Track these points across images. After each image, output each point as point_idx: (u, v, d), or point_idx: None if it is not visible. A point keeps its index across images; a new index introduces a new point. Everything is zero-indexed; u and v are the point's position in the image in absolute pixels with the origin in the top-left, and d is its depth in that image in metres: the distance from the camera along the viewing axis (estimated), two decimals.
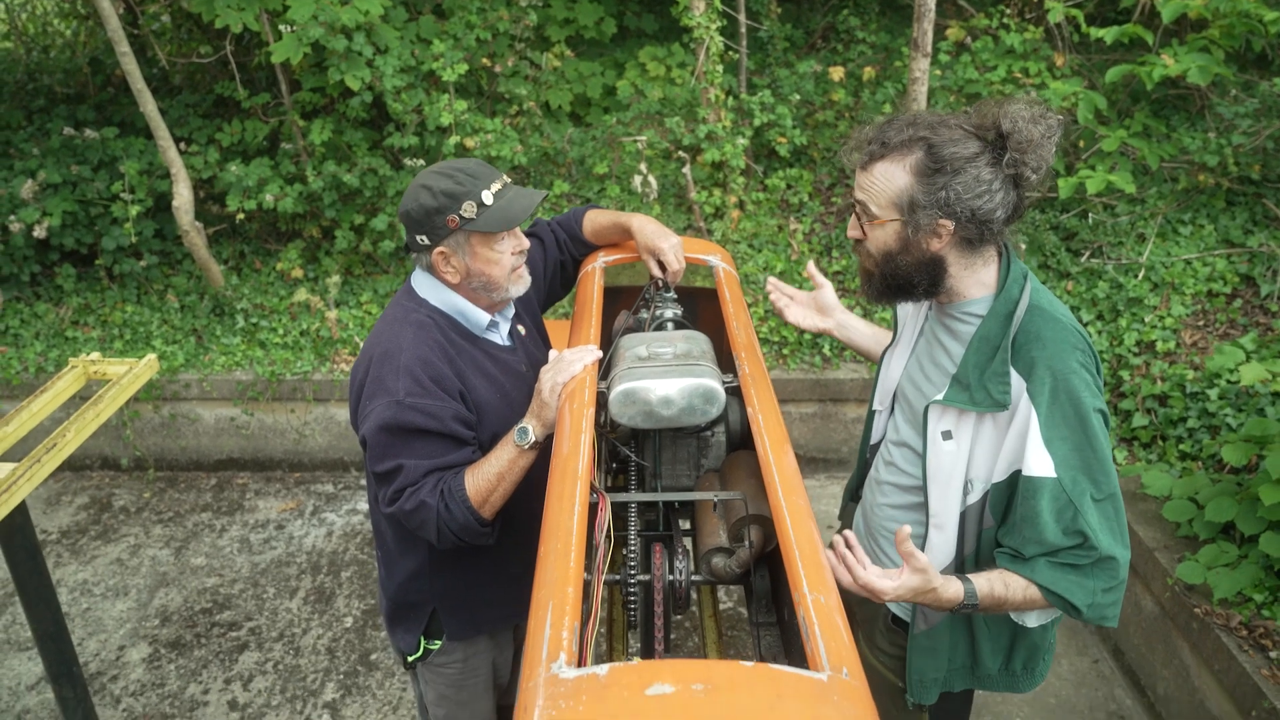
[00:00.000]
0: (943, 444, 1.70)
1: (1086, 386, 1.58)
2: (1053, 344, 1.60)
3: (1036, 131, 1.56)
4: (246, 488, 4.71)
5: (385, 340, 1.86)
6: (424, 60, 4.58)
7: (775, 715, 0.99)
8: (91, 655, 3.60)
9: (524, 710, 1.04)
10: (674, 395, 1.72)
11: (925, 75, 4.51)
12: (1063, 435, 1.57)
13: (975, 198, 1.57)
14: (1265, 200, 4.48)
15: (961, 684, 1.92)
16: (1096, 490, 1.58)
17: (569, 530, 1.33)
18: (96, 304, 4.95)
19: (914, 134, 1.61)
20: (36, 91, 5.48)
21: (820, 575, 1.24)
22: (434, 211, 1.82)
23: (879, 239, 1.68)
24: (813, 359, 4.59)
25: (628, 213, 2.29)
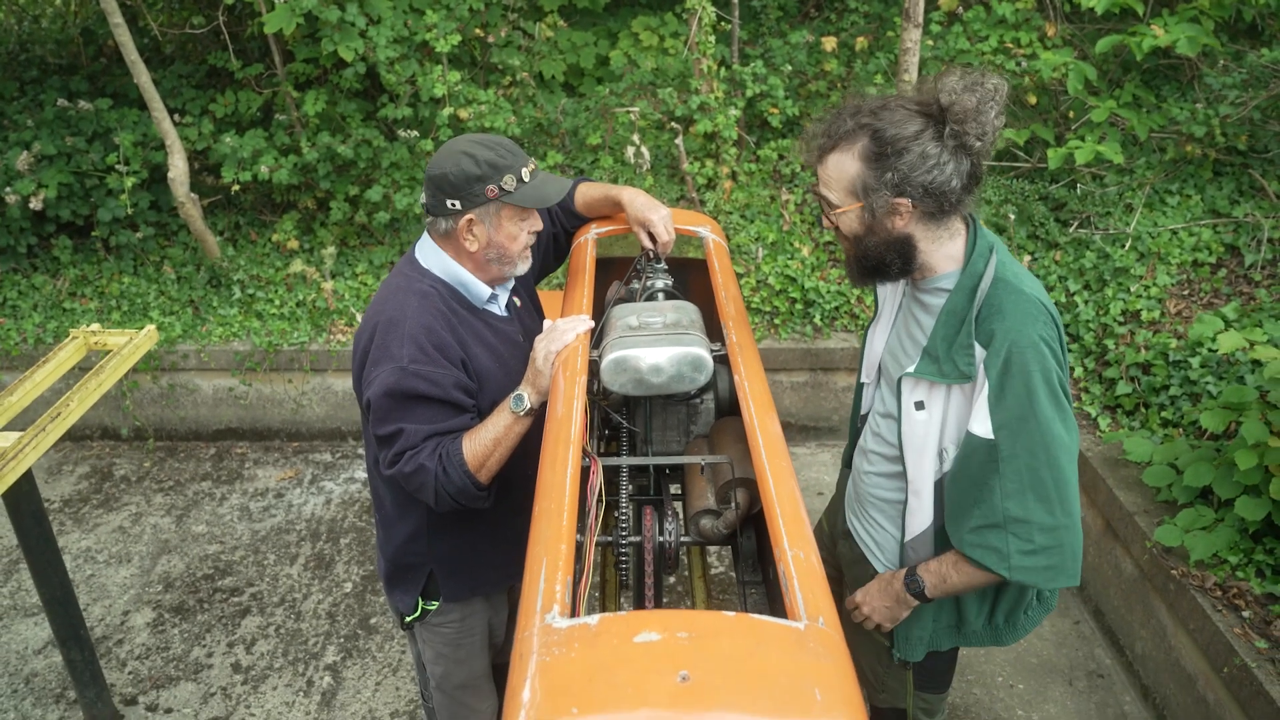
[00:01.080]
0: (916, 414, 1.79)
1: (1040, 359, 1.64)
2: (1013, 316, 1.66)
3: (972, 100, 1.62)
4: (245, 457, 4.78)
5: (390, 308, 1.91)
6: (417, 31, 4.59)
7: (754, 660, 1.06)
8: (96, 620, 3.68)
9: (520, 658, 1.10)
10: (663, 363, 1.78)
11: (916, 46, 4.53)
12: (1007, 403, 1.65)
13: (925, 173, 1.64)
14: (1252, 170, 4.53)
15: (948, 642, 2.01)
16: (1031, 458, 1.65)
17: (562, 491, 1.39)
18: (93, 275, 4.99)
19: (858, 122, 1.68)
20: (29, 62, 5.47)
21: (801, 532, 1.31)
22: (475, 179, 1.87)
23: (845, 226, 1.76)
24: (804, 329, 4.65)
25: (618, 185, 2.33)
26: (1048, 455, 1.65)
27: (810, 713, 1.01)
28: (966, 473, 1.73)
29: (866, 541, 2.05)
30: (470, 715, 2.32)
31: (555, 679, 1.05)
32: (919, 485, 1.83)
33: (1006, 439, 1.65)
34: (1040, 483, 1.66)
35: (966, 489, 1.73)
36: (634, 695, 1.01)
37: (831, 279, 4.72)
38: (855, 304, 4.68)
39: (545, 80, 5.44)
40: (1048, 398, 1.64)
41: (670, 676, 1.02)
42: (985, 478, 1.69)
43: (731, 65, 4.96)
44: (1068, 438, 1.68)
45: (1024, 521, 1.67)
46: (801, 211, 4.99)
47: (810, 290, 4.65)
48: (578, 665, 1.06)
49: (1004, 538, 1.69)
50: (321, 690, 3.32)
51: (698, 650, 1.06)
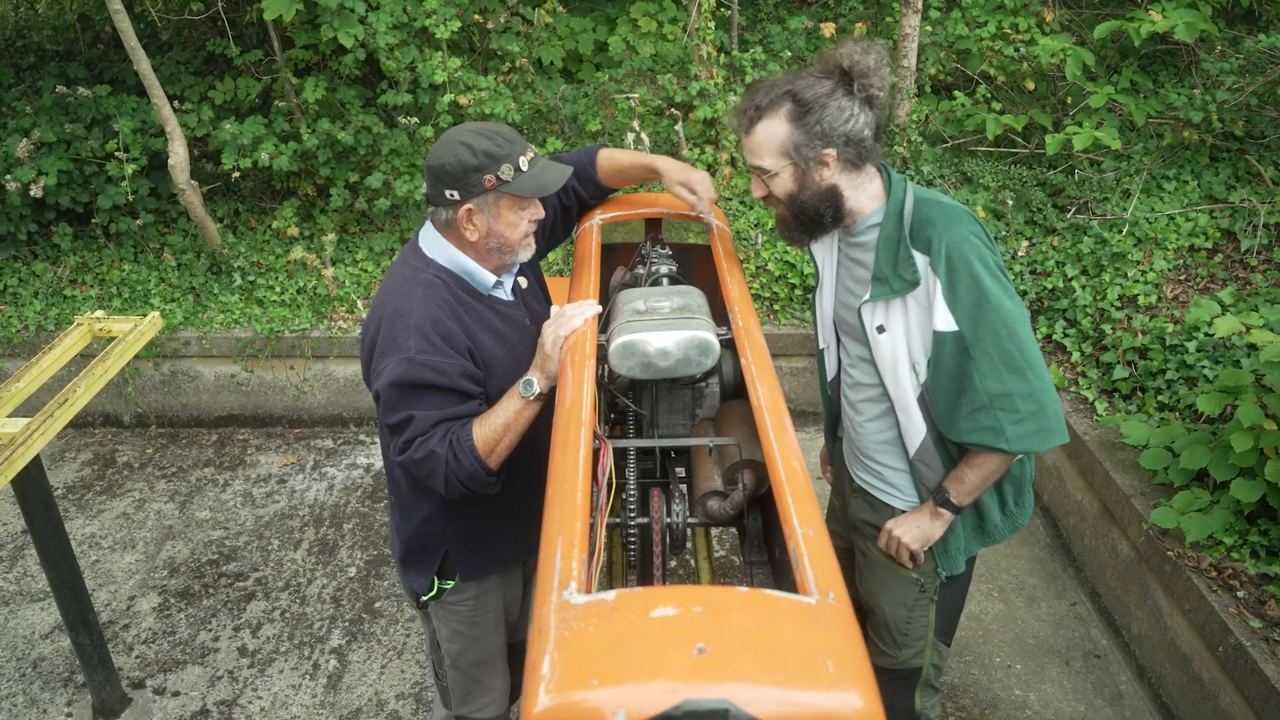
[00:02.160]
0: (880, 338, 1.97)
1: (976, 250, 1.84)
2: (941, 221, 1.87)
3: (870, 60, 1.84)
4: (247, 443, 4.80)
5: (396, 299, 1.93)
6: (416, 17, 4.59)
7: (768, 634, 1.09)
8: (103, 605, 3.71)
9: (539, 632, 1.13)
10: (671, 347, 1.80)
11: (915, 31, 4.55)
12: (959, 294, 1.83)
13: (844, 124, 1.84)
14: (1248, 156, 4.56)
15: (978, 545, 2.17)
16: (993, 335, 1.82)
17: (574, 472, 1.41)
18: (94, 262, 4.99)
19: (778, 91, 1.88)
20: (26, 49, 5.46)
21: (809, 510, 1.34)
22: (472, 169, 1.88)
23: (780, 187, 1.94)
24: (803, 314, 4.67)
25: (649, 154, 2.35)
26: (1007, 330, 1.83)
27: (823, 683, 1.03)
28: (943, 369, 1.89)
29: (880, 486, 2.18)
30: (485, 692, 2.36)
31: (574, 652, 1.08)
32: (904, 402, 1.98)
33: (968, 326, 1.83)
34: (1009, 356, 1.83)
35: (947, 385, 1.90)
36: (652, 666, 1.04)
37: None
38: None
39: (544, 66, 5.45)
40: (992, 280, 1.83)
41: (687, 649, 1.05)
42: (961, 367, 1.86)
43: (731, 51, 4.96)
44: (1017, 310, 1.86)
45: (1005, 394, 1.84)
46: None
47: (809, 276, 4.67)
48: (596, 639, 1.09)
49: (993, 415, 1.86)
50: (327, 673, 3.36)
51: (713, 624, 1.09)
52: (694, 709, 0.99)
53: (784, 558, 1.65)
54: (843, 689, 1.04)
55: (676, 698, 1.00)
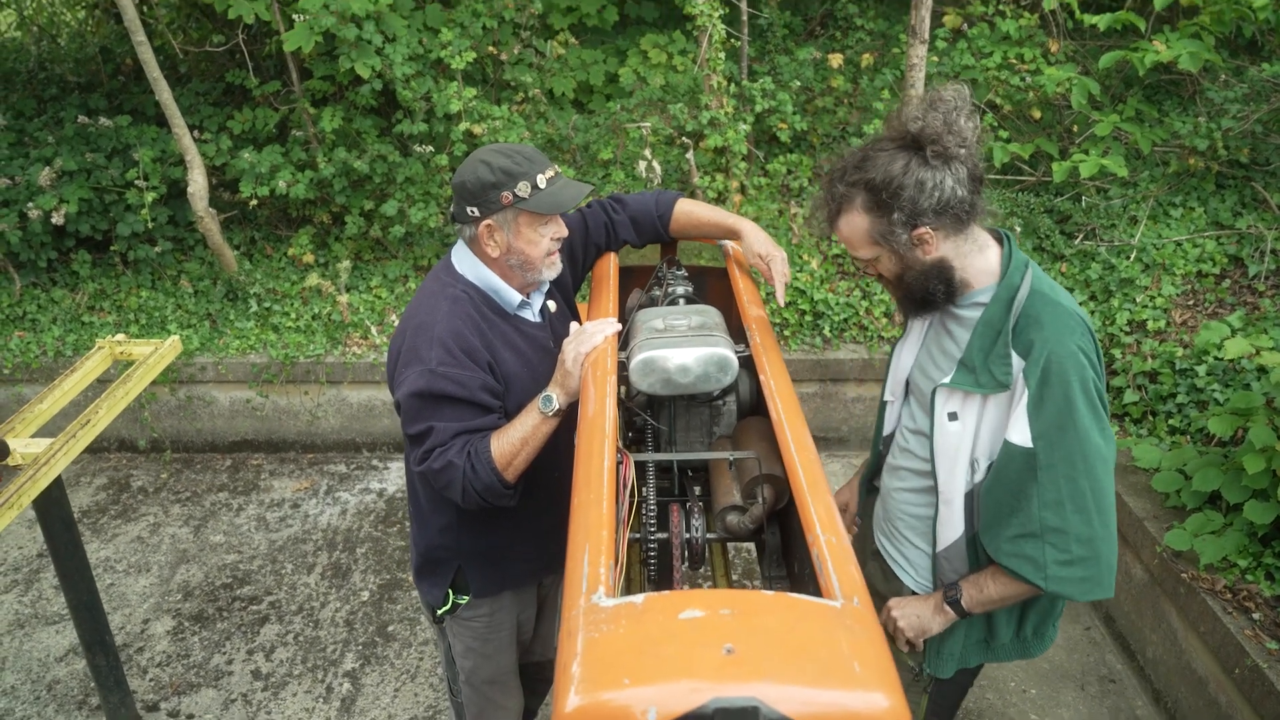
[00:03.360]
0: (948, 425, 1.82)
1: (1079, 369, 1.66)
2: (1051, 326, 1.69)
3: (937, 118, 1.70)
4: (261, 468, 4.83)
5: (422, 312, 1.97)
6: (432, 48, 4.67)
7: (795, 635, 1.11)
8: (117, 629, 3.72)
9: (568, 635, 1.15)
10: (691, 363, 1.83)
11: (923, 62, 4.61)
12: (1046, 412, 1.67)
13: (928, 198, 1.70)
14: (1254, 183, 4.60)
15: (977, 658, 2.03)
16: (1069, 466, 1.67)
17: (600, 482, 1.44)
18: (112, 289, 5.05)
19: (848, 182, 1.78)
20: (48, 80, 5.56)
21: (831, 519, 1.36)
22: (490, 186, 1.93)
23: (885, 269, 1.84)
24: (813, 340, 4.70)
25: (735, 215, 2.36)
26: (1086, 465, 1.67)
27: (850, 683, 1.05)
28: (1003, 482, 1.74)
29: (897, 559, 2.08)
30: (497, 711, 2.37)
31: (605, 653, 1.10)
32: (950, 495, 1.85)
33: (1045, 448, 1.67)
34: (1078, 493, 1.68)
35: (1002, 498, 1.75)
36: (683, 666, 1.06)
37: (840, 291, 4.78)
38: (864, 315, 4.74)
39: (556, 97, 5.53)
40: (1086, 407, 1.66)
41: (716, 649, 1.07)
42: (1023, 486, 1.71)
43: (741, 81, 5.04)
44: (1105, 449, 1.70)
45: (1061, 531, 1.69)
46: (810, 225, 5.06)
47: (819, 302, 4.71)
48: (626, 640, 1.11)
49: (1040, 547, 1.71)
50: (341, 696, 3.36)
51: (741, 625, 1.11)
52: (724, 706, 1.01)
53: (803, 572, 1.67)
54: (869, 689, 1.06)
55: (706, 696, 1.02)
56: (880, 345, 4.65)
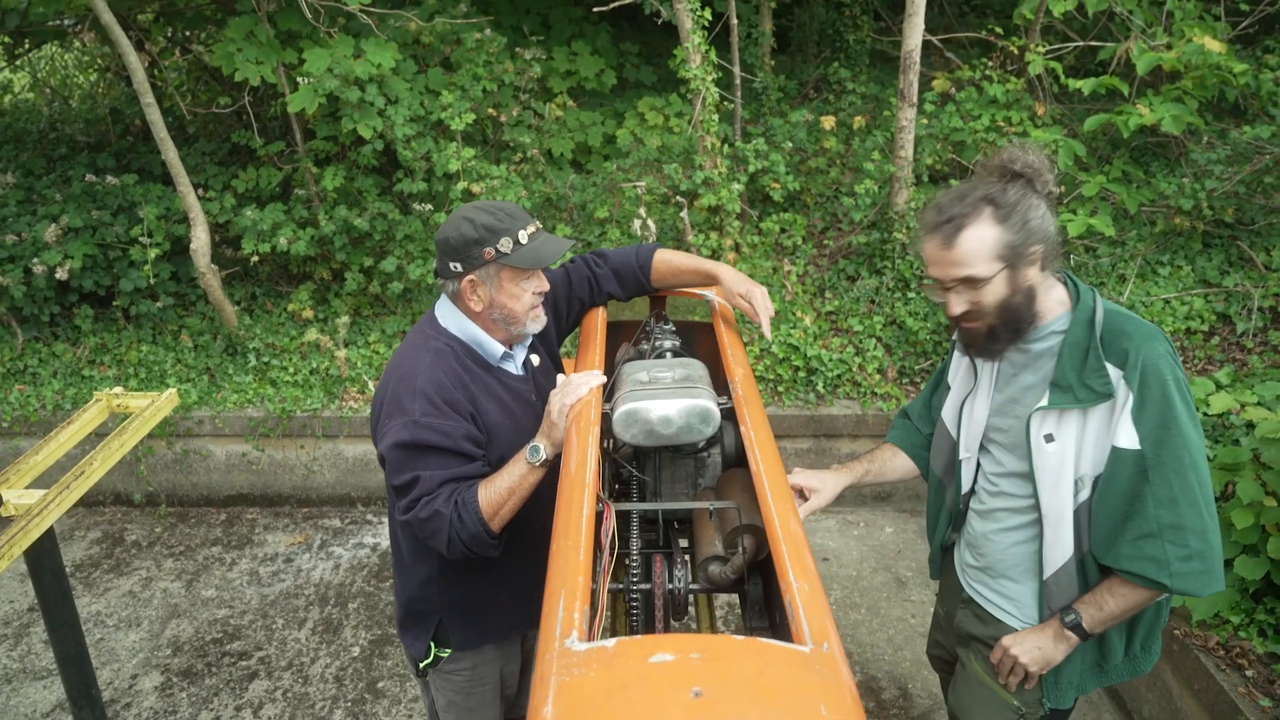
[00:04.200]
0: (1046, 446, 1.87)
1: (1172, 369, 1.77)
2: (1137, 335, 1.79)
3: (1038, 158, 1.83)
4: (255, 522, 4.83)
5: (405, 364, 2.01)
6: (433, 110, 4.79)
7: (763, 679, 1.12)
8: (105, 684, 3.69)
9: (540, 680, 1.16)
10: (673, 415, 1.86)
11: (911, 124, 4.72)
12: (1149, 413, 1.75)
13: (1041, 219, 1.81)
14: (1240, 242, 4.67)
15: (1094, 683, 2.04)
16: (1177, 462, 1.74)
17: (578, 530, 1.46)
18: (113, 344, 5.11)
19: (973, 199, 1.83)
20: (58, 140, 5.69)
21: (805, 567, 1.38)
22: (473, 242, 1.98)
23: (992, 294, 1.85)
24: (806, 396, 4.74)
25: (711, 260, 2.43)
26: (1191, 460, 1.75)
27: None
28: (1115, 488, 1.80)
29: (995, 601, 2.10)
30: None
31: (575, 696, 1.11)
32: (1055, 517, 1.89)
33: (1152, 448, 1.75)
34: (1188, 487, 1.75)
35: (1116, 505, 1.80)
36: (650, 710, 1.07)
37: (833, 347, 4.82)
38: (857, 372, 4.78)
39: (555, 157, 5.65)
40: (1183, 405, 1.76)
41: (684, 693, 1.08)
42: (1136, 489, 1.77)
43: (734, 143, 5.15)
44: (1200, 441, 1.79)
45: (1179, 528, 1.75)
46: (803, 282, 5.13)
47: (813, 358, 4.75)
48: (596, 684, 1.12)
49: (1161, 546, 1.76)
50: None
51: (710, 669, 1.12)
52: None
53: (784, 622, 1.68)
54: None
55: None
56: (873, 401, 4.68)
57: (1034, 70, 4.95)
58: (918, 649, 3.77)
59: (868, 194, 4.94)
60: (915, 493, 4.78)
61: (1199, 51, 4.64)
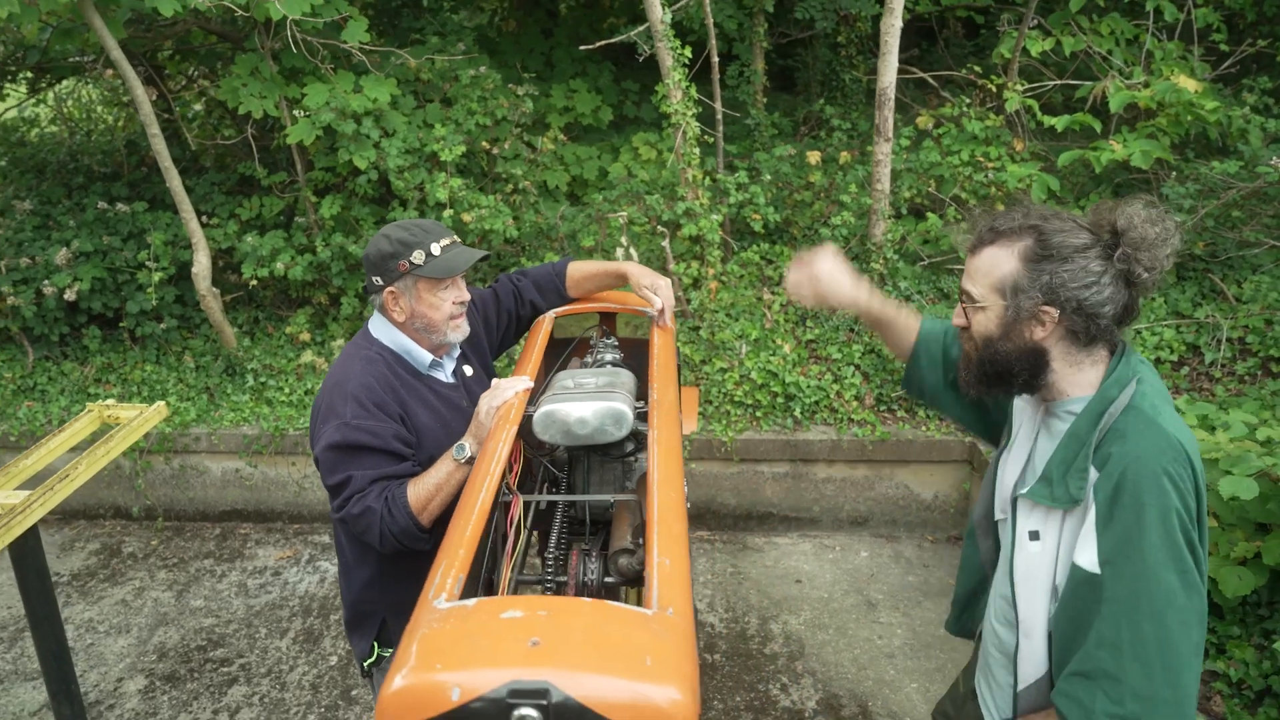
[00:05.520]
0: (1029, 544, 1.66)
1: (1159, 495, 1.46)
2: (1134, 442, 1.51)
3: (1153, 231, 1.56)
4: (248, 537, 4.98)
5: (338, 373, 2.17)
6: (427, 142, 5.00)
7: (599, 633, 1.24)
8: (91, 686, 3.83)
9: (409, 633, 1.29)
10: (588, 416, 1.99)
11: (888, 159, 4.87)
12: (1114, 534, 1.49)
13: (1082, 287, 1.57)
14: (1212, 275, 4.75)
15: None
16: (1132, 604, 1.46)
17: (471, 512, 1.59)
18: (118, 363, 5.32)
19: (1025, 222, 1.64)
20: (77, 170, 5.97)
21: (673, 546, 1.50)
22: (389, 256, 2.15)
23: (980, 323, 1.69)
24: (784, 421, 4.84)
25: (617, 262, 2.61)
26: (1151, 607, 1.45)
27: (637, 674, 1.18)
28: (1070, 610, 1.56)
29: (985, 697, 1.91)
30: None
31: (431, 645, 1.24)
32: (1030, 626, 1.67)
33: (1110, 575, 1.49)
34: (1140, 639, 1.45)
35: (1069, 629, 1.57)
36: (490, 655, 1.19)
37: (812, 375, 4.93)
38: (835, 399, 4.88)
39: (550, 189, 5.84)
40: (1161, 539, 1.45)
41: (523, 642, 1.20)
42: (1087, 617, 1.51)
43: (717, 175, 5.32)
44: (1184, 596, 1.45)
45: (1115, 679, 1.47)
46: (785, 311, 5.26)
47: (791, 385, 4.86)
48: (450, 635, 1.25)
49: (1092, 692, 1.49)
50: None
51: (552, 624, 1.24)
52: (518, 688, 1.14)
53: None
54: (658, 682, 1.18)
55: (504, 679, 1.15)
56: (849, 427, 4.77)
57: (1010, 107, 5.09)
58: (881, 669, 3.83)
59: (844, 225, 5.08)
60: (891, 518, 4.86)
61: (1172, 89, 4.76)
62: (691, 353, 4.96)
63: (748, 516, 4.93)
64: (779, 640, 4.04)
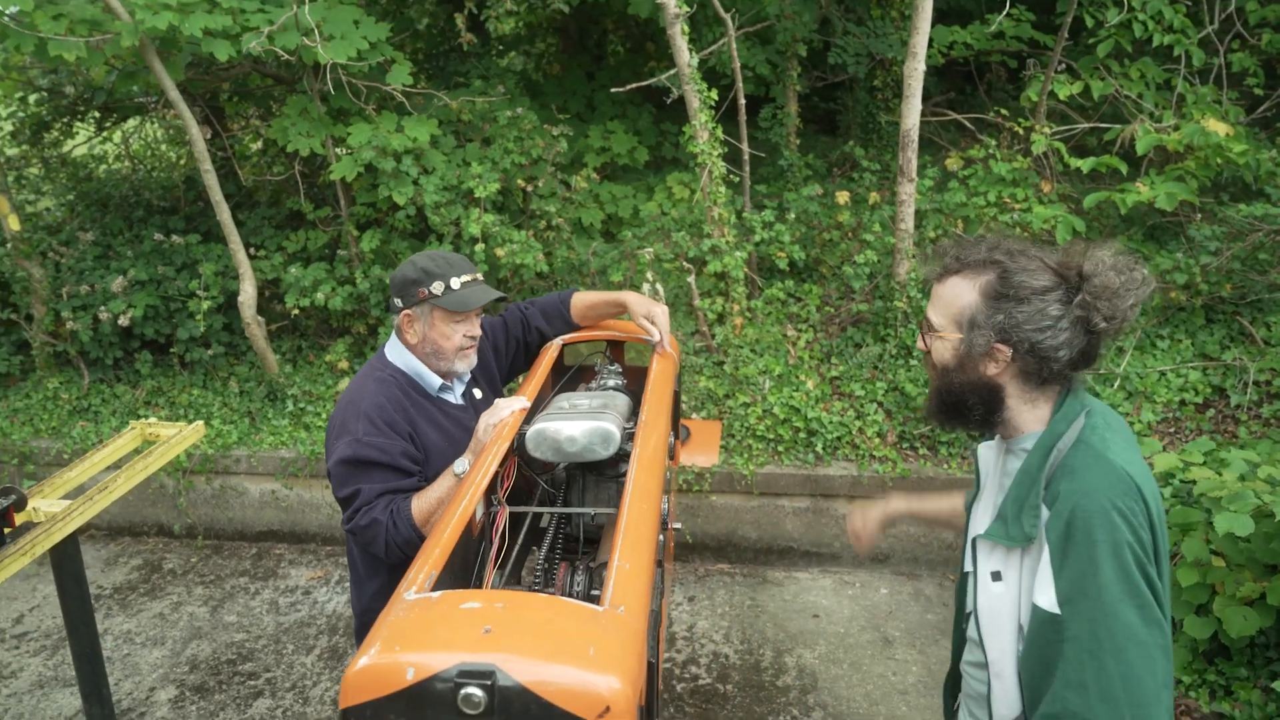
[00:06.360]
0: (992, 585, 1.66)
1: (1109, 530, 1.47)
2: (1083, 477, 1.53)
3: (1117, 280, 1.55)
4: (282, 557, 5.15)
5: (352, 392, 2.31)
6: (464, 180, 5.21)
7: (550, 625, 1.34)
8: (125, 694, 4.00)
9: (379, 622, 1.40)
10: (578, 435, 2.10)
11: (911, 199, 4.94)
12: (1069, 574, 1.50)
13: (1036, 330, 1.58)
14: (1240, 318, 4.72)
15: None
16: (1093, 642, 1.46)
17: (453, 517, 1.71)
18: (167, 387, 5.57)
19: (992, 256, 1.64)
20: (138, 204, 6.30)
21: (632, 553, 1.59)
22: (411, 282, 2.30)
23: (938, 352, 1.71)
24: (805, 456, 4.89)
25: (619, 291, 2.74)
26: (1113, 644, 1.45)
27: (579, 661, 1.27)
28: (1035, 651, 1.56)
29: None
30: None
31: (394, 631, 1.35)
32: (1000, 667, 1.65)
33: (1070, 615, 1.49)
34: (1105, 677, 1.45)
35: (1035, 670, 1.57)
36: (446, 640, 1.30)
37: (834, 411, 4.98)
38: (857, 435, 4.92)
39: (585, 227, 6.01)
40: (1116, 575, 1.46)
41: (476, 629, 1.31)
42: (1052, 657, 1.51)
43: (742, 213, 5.43)
44: (1144, 631, 1.46)
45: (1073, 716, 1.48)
46: (811, 348, 5.32)
47: (813, 420, 4.91)
48: (413, 623, 1.36)
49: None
50: None
51: (506, 615, 1.34)
52: (466, 669, 1.24)
53: None
54: (599, 670, 1.27)
55: (455, 661, 1.25)
56: (870, 463, 4.80)
57: (1036, 149, 5.14)
58: (894, 705, 3.83)
59: (867, 264, 5.15)
60: (913, 555, 4.86)
61: (1200, 132, 4.77)
62: (715, 387, 5.05)
63: (768, 550, 4.97)
64: (792, 673, 4.06)
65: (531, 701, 1.23)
